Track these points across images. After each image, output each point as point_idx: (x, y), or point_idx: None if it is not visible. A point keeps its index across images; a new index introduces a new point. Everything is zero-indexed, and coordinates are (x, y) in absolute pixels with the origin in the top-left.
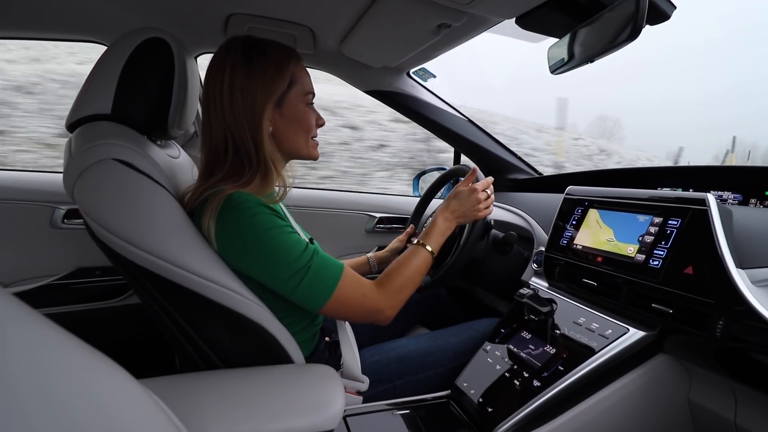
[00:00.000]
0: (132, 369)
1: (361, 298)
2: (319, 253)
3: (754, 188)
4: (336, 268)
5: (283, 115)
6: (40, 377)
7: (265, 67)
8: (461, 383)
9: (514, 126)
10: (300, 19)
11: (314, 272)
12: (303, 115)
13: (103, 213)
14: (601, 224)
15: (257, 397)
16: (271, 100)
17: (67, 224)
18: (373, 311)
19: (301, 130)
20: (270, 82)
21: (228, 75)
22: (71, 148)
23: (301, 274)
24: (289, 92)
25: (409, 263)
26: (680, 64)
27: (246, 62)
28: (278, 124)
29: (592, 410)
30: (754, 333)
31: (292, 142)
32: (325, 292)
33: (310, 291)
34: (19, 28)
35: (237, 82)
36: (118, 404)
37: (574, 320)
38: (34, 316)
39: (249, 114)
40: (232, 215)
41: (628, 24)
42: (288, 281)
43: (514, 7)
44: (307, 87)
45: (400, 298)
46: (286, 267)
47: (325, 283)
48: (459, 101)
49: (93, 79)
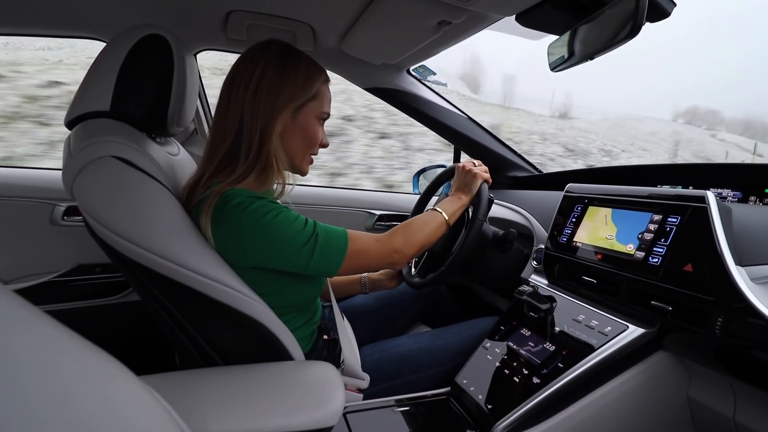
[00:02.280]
0: (132, 366)
1: (374, 243)
2: (319, 222)
3: (753, 186)
4: (340, 228)
5: (296, 122)
6: (40, 374)
7: (296, 73)
8: (461, 380)
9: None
10: (300, 16)
11: (323, 238)
12: (313, 130)
13: (101, 210)
14: (608, 221)
15: (258, 394)
16: (293, 104)
17: (67, 221)
18: (389, 252)
19: (306, 143)
20: (298, 86)
21: (261, 67)
22: (70, 146)
23: (311, 244)
24: (309, 104)
25: (423, 218)
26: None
27: (281, 62)
28: (288, 128)
29: (592, 407)
30: (754, 330)
31: (294, 150)
32: (339, 252)
33: (325, 257)
34: (17, 24)
35: (267, 75)
36: (119, 401)
37: (574, 317)
38: (35, 313)
39: (269, 107)
40: (228, 213)
41: (628, 21)
42: (300, 256)
43: (514, 4)
44: (325, 107)
45: (414, 241)
46: (293, 244)
47: (336, 243)
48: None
49: (92, 76)
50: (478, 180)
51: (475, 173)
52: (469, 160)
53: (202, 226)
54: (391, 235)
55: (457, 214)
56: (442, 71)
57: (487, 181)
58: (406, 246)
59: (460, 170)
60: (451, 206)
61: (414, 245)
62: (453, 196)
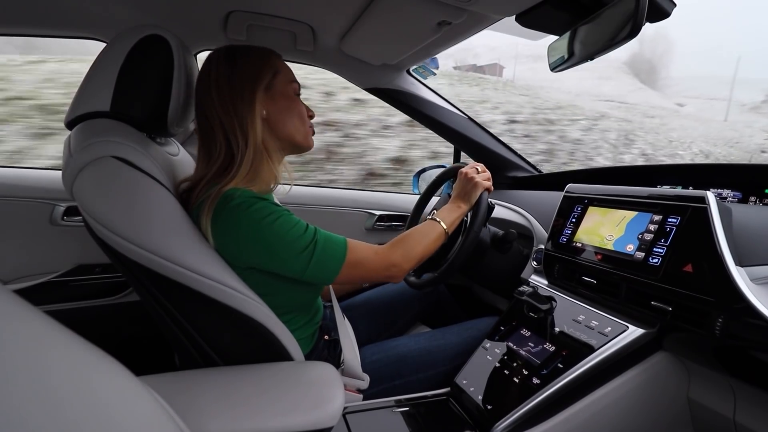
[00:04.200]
0: (132, 366)
1: (373, 255)
2: (319, 229)
3: (753, 186)
4: (340, 237)
5: (275, 100)
6: (39, 374)
7: (247, 59)
8: (461, 381)
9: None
10: (300, 17)
11: (322, 245)
12: (293, 102)
13: (101, 210)
14: (604, 222)
15: (257, 394)
16: (261, 85)
17: (67, 221)
18: (387, 265)
19: (295, 115)
20: (257, 69)
21: (213, 72)
22: (70, 146)
23: (309, 250)
24: (276, 79)
25: (421, 229)
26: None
27: (230, 59)
28: (271, 109)
29: (592, 408)
30: (753, 330)
31: (289, 126)
32: (337, 260)
33: (323, 264)
34: (17, 24)
35: (223, 74)
36: (118, 401)
37: (574, 318)
38: (34, 313)
39: (238, 101)
40: (228, 213)
41: (628, 21)
42: (298, 262)
43: (515, 4)
44: (291, 76)
45: (413, 254)
46: (292, 248)
47: (335, 252)
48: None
49: (92, 77)
50: (478, 189)
51: (476, 182)
52: (472, 165)
53: (203, 226)
54: (390, 248)
55: (456, 222)
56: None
57: (489, 189)
58: (404, 260)
59: (462, 177)
60: (450, 215)
61: (413, 259)
62: (452, 204)
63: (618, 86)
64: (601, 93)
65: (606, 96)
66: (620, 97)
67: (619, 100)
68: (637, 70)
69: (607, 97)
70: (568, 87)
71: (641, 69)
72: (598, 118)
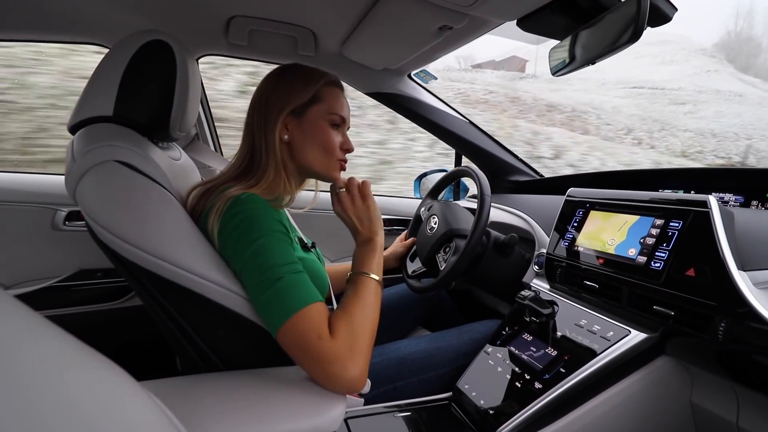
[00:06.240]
0: (133, 371)
1: (315, 339)
2: (300, 274)
3: (755, 190)
4: (307, 295)
5: (301, 127)
6: (39, 381)
7: (291, 81)
8: (462, 385)
9: None
10: (301, 22)
11: (281, 288)
12: (322, 133)
13: (105, 214)
14: (606, 226)
15: (258, 399)
16: (287, 108)
17: (68, 226)
18: (328, 360)
19: (317, 146)
20: (291, 91)
21: (261, 87)
22: (73, 150)
23: (267, 284)
24: (311, 107)
25: (360, 302)
26: None
27: (278, 75)
28: (295, 134)
29: (594, 412)
30: (756, 335)
31: (308, 156)
32: (281, 314)
33: (269, 306)
34: (21, 30)
35: (265, 91)
36: (119, 406)
37: (576, 322)
38: (36, 318)
39: (264, 118)
40: (234, 212)
41: (630, 26)
42: (255, 287)
43: (516, 9)
44: (334, 108)
45: (361, 345)
46: (259, 272)
47: (285, 305)
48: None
49: (95, 81)
50: (369, 200)
51: (365, 200)
52: (341, 194)
53: (209, 229)
54: (333, 341)
55: (381, 263)
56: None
57: (366, 183)
58: (351, 361)
59: (345, 209)
60: (371, 261)
61: (361, 353)
62: (362, 247)
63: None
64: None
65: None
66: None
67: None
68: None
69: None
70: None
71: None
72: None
